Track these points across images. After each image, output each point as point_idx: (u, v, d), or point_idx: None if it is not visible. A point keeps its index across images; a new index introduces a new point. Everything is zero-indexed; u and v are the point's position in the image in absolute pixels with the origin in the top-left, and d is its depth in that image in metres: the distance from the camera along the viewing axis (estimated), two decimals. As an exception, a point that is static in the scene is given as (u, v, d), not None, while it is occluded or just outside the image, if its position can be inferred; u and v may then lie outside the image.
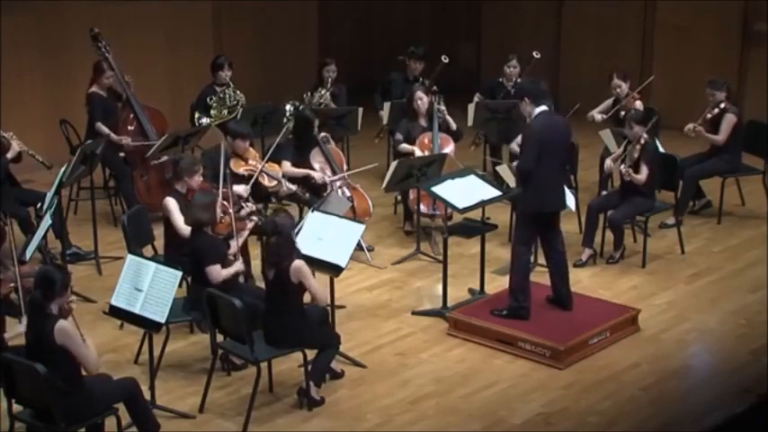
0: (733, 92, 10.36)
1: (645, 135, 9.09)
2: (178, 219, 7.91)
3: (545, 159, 7.70)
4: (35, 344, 6.01)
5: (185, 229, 7.67)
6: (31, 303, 6.13)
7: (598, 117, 10.49)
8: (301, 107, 10.23)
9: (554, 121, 7.93)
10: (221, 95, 10.59)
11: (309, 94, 10.87)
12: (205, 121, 10.48)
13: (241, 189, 8.56)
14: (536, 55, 11.05)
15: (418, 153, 9.72)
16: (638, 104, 10.13)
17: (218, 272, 7.29)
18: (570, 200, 9.00)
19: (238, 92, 10.64)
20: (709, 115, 10.05)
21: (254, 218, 7.96)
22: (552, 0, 14.42)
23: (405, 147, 9.85)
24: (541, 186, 7.77)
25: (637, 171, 9.05)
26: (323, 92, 10.90)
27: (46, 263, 8.49)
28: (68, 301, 6.11)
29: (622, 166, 9.08)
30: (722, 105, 10.03)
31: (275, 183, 9.16)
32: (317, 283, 6.97)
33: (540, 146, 7.67)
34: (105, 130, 10.00)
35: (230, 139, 9.15)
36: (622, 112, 10.08)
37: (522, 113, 8.04)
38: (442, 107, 10.12)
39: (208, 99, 10.58)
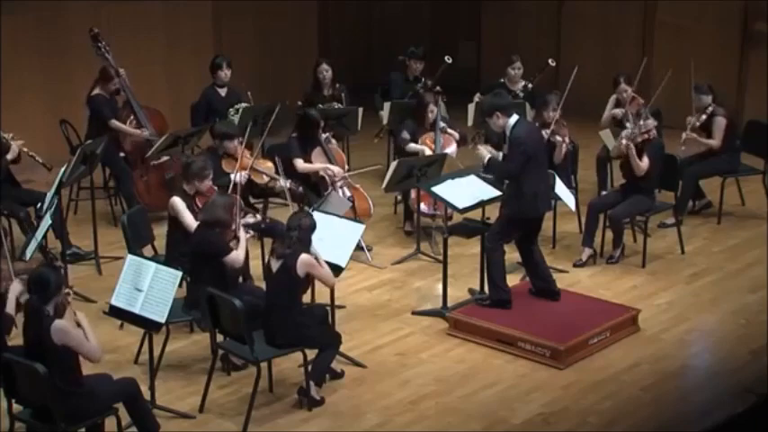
0: (718, 92, 10.30)
1: (654, 131, 9.10)
2: (188, 218, 7.90)
3: (535, 164, 7.96)
4: (34, 345, 6.02)
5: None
6: (29, 307, 6.15)
7: (618, 112, 10.43)
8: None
9: (533, 127, 8.42)
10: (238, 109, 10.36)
11: (320, 102, 10.74)
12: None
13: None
14: (551, 62, 11.02)
15: (428, 152, 9.72)
16: None
17: (236, 256, 7.35)
18: (570, 200, 9.03)
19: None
20: (698, 123, 10.04)
21: (250, 231, 7.93)
22: (552, 0, 14.42)
23: (413, 146, 9.84)
24: (536, 191, 7.96)
25: (639, 158, 9.02)
26: (333, 103, 10.80)
27: (47, 263, 8.49)
28: (65, 294, 6.15)
29: (624, 140, 9.03)
30: (709, 109, 10.02)
31: (268, 179, 9.17)
32: (324, 271, 7.02)
33: (530, 150, 7.92)
34: (120, 125, 10.02)
35: (218, 142, 9.20)
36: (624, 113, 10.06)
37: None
38: (445, 115, 10.17)
39: (229, 114, 10.34)
